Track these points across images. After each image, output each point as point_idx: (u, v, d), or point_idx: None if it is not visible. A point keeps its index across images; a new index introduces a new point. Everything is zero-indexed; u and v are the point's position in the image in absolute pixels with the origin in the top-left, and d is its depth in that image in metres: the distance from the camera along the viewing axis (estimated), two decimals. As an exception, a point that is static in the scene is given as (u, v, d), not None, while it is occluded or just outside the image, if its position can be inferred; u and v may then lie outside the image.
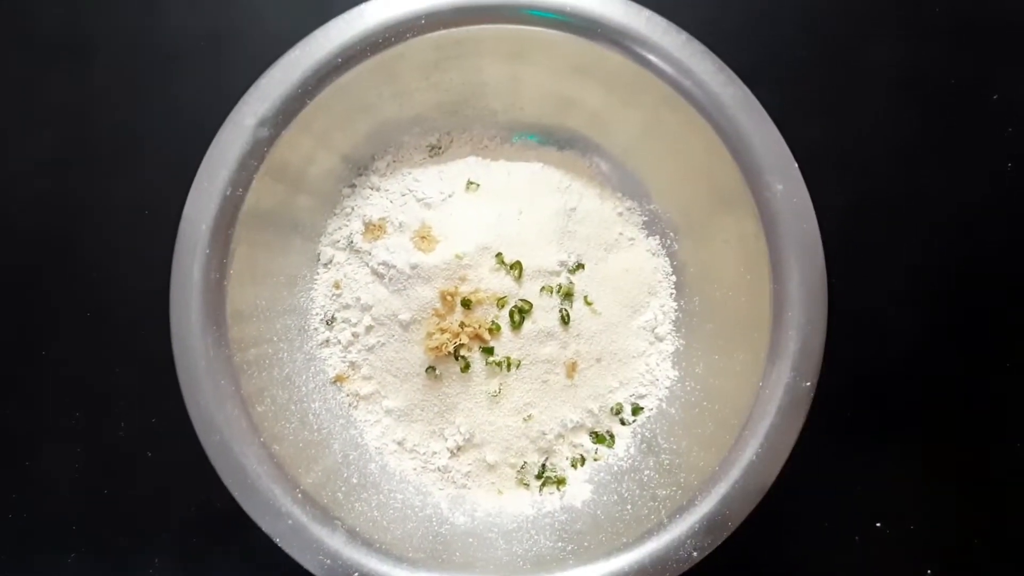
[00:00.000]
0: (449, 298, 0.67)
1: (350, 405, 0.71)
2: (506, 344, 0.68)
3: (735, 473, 0.60)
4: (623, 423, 0.72)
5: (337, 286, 0.71)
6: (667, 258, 0.73)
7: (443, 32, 0.64)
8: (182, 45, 0.74)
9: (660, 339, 0.72)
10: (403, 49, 0.64)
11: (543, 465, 0.70)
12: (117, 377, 0.72)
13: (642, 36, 0.63)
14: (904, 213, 0.74)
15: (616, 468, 0.70)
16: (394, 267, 0.67)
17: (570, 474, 0.71)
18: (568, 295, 0.69)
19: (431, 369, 0.68)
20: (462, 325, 0.67)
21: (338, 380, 0.71)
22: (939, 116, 0.75)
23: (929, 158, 0.75)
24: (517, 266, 0.67)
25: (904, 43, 0.75)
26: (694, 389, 0.70)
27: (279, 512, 0.59)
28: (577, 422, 0.70)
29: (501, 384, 0.68)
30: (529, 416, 0.69)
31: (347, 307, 0.70)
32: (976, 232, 0.74)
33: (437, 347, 0.66)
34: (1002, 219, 0.74)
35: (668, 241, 0.73)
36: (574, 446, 0.71)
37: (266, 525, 0.59)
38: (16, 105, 0.74)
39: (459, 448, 0.69)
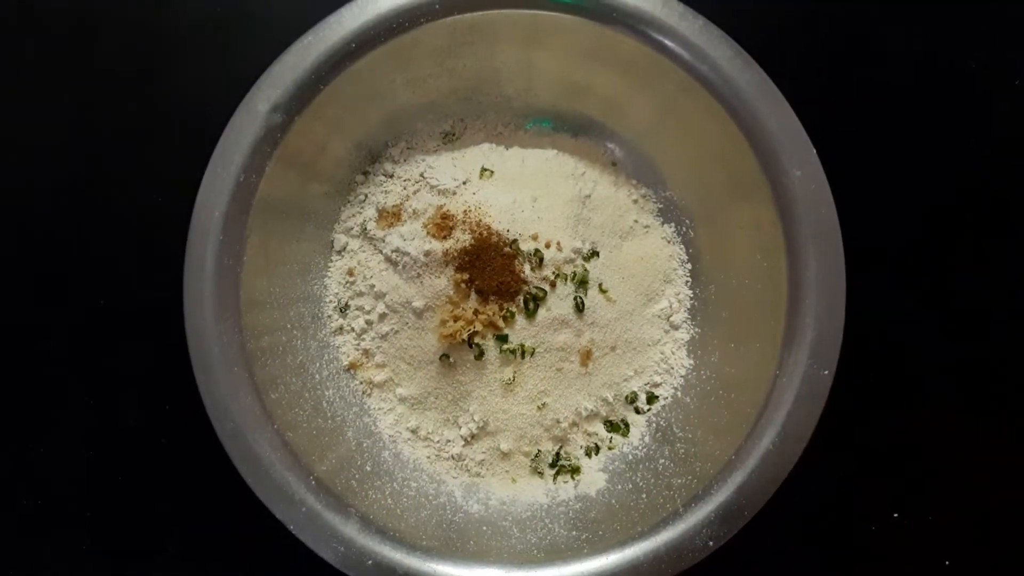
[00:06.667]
0: (463, 285, 0.66)
1: (364, 393, 0.71)
2: (520, 332, 0.67)
3: (752, 462, 0.60)
4: (638, 412, 0.71)
5: (351, 274, 0.71)
6: (682, 245, 0.73)
7: (457, 17, 0.63)
8: (195, 30, 0.74)
9: (675, 327, 0.72)
10: (417, 35, 0.64)
11: (557, 454, 0.70)
12: (129, 364, 0.72)
13: (658, 21, 0.63)
14: (923, 199, 0.73)
15: (631, 457, 0.70)
16: (408, 254, 0.67)
17: (584, 463, 0.70)
18: (583, 282, 0.68)
19: (445, 357, 0.68)
20: (476, 312, 0.66)
21: (352, 368, 0.71)
22: (960, 102, 0.74)
23: (950, 144, 0.74)
24: (538, 255, 0.67)
25: (924, 27, 0.74)
26: (710, 378, 0.69)
27: (292, 499, 0.59)
28: (591, 411, 0.69)
29: (515, 372, 0.68)
30: (543, 404, 0.68)
31: (361, 295, 0.70)
32: (995, 217, 0.73)
33: (451, 334, 0.66)
34: (1022, 205, 0.73)
35: (684, 228, 0.73)
36: (588, 435, 0.70)
37: (279, 512, 0.59)
38: (27, 93, 0.74)
39: (473, 436, 0.69)
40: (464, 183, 0.69)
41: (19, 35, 0.74)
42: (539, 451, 0.70)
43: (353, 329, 0.70)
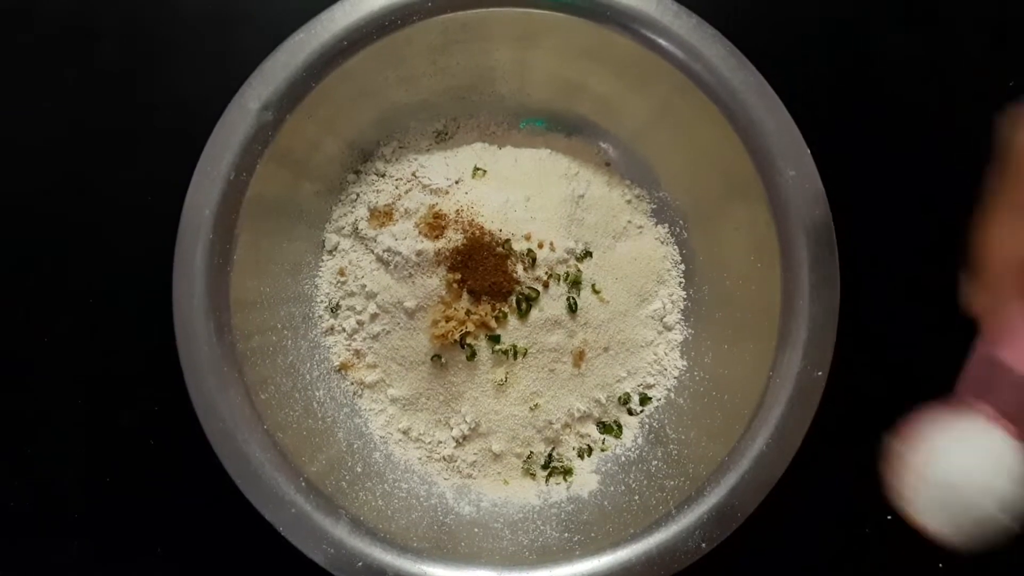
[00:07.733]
0: (455, 285, 0.66)
1: (355, 393, 0.70)
2: (513, 332, 0.67)
3: (745, 464, 0.60)
4: (631, 413, 0.71)
5: (342, 273, 0.70)
6: (676, 246, 0.72)
7: (450, 15, 0.63)
8: (186, 27, 0.73)
9: (669, 328, 0.71)
10: (410, 32, 0.63)
11: (549, 455, 0.70)
12: (119, 364, 0.71)
13: (652, 19, 0.63)
14: (919, 198, 0.73)
15: (624, 459, 0.70)
16: (399, 254, 0.66)
17: (577, 464, 0.70)
18: (576, 283, 0.68)
19: (437, 357, 0.67)
20: (468, 313, 0.66)
21: (343, 368, 0.70)
22: (954, 103, 0.74)
23: (944, 145, 0.73)
24: (531, 255, 0.67)
25: (920, 27, 0.74)
26: (703, 379, 0.69)
27: (282, 501, 0.58)
28: (584, 412, 0.69)
29: (507, 373, 0.67)
30: (536, 405, 0.68)
31: (352, 295, 0.70)
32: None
33: (443, 335, 0.65)
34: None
35: (677, 229, 0.72)
36: (581, 436, 0.70)
37: (269, 514, 0.58)
38: (18, 88, 0.73)
39: (465, 437, 0.69)
40: (457, 182, 0.69)
41: (13, 28, 0.73)
42: (531, 452, 0.69)
43: (344, 329, 0.70)
